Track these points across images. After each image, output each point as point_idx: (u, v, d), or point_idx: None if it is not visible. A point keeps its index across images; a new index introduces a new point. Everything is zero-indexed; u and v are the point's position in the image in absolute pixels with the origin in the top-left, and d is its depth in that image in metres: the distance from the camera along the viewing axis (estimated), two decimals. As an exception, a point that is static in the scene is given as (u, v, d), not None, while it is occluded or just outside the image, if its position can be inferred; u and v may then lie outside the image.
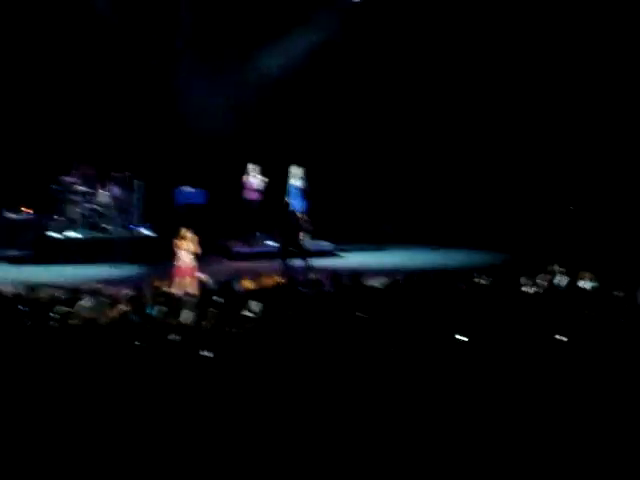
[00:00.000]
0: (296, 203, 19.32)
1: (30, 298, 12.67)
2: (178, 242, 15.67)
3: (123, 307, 12.23)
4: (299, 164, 20.27)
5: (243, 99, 21.49)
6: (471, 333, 9.97)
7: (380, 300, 12.51)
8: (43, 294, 13.03)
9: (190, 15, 21.16)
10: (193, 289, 15.00)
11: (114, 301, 12.59)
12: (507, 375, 8.79)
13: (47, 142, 20.44)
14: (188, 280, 15.50)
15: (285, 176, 20.15)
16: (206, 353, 9.88)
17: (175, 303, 12.74)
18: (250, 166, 20.28)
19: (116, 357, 9.31)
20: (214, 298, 12.94)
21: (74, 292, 12.65)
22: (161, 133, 21.03)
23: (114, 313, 11.92)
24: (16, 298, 12.50)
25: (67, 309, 11.68)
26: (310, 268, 17.39)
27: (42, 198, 19.62)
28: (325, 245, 20.15)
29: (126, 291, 13.24)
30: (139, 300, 12.47)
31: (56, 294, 12.88)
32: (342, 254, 20.14)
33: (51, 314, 11.61)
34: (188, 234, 15.75)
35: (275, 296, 12.84)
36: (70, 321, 11.20)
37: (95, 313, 11.85)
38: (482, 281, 13.12)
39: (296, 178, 20.09)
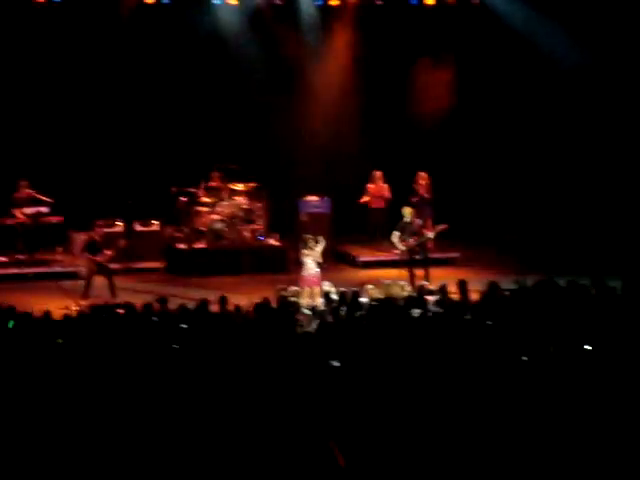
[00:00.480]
0: (419, 210, 19.15)
1: (160, 309, 12.86)
2: (304, 251, 15.71)
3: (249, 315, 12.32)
4: (426, 170, 20.18)
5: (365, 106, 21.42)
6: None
7: (510, 308, 12.28)
8: (173, 305, 13.19)
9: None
10: (318, 298, 15.02)
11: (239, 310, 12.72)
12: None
13: (174, 154, 20.78)
14: (314, 289, 15.53)
15: (410, 183, 20.05)
16: (334, 363, 9.85)
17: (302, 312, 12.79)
18: (376, 173, 20.22)
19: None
20: (340, 307, 12.94)
21: (202, 303, 12.78)
22: (285, 142, 21.12)
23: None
24: (147, 310, 12.70)
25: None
26: (427, 276, 17.17)
27: (170, 210, 19.93)
28: (451, 254, 19.86)
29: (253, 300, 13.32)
30: (265, 309, 12.53)
31: (186, 305, 13.05)
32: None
33: (181, 325, 11.78)
34: (313, 243, 15.78)
35: (402, 305, 12.73)
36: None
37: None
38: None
39: (421, 185, 20.01)
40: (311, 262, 15.70)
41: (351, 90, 21.23)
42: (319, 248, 15.79)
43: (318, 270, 15.76)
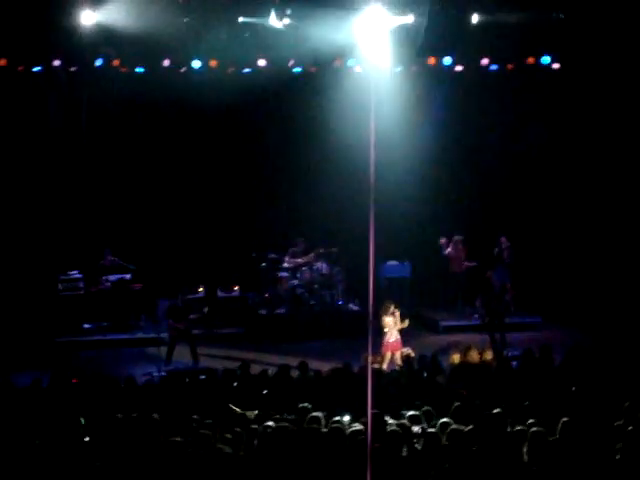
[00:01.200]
0: (499, 274, 18.99)
1: (241, 375, 12.91)
2: (385, 316, 15.67)
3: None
4: (505, 233, 20.08)
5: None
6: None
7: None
8: (254, 371, 13.23)
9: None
10: (399, 362, 14.94)
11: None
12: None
13: (256, 219, 21.00)
14: (396, 354, 15.47)
15: (492, 246, 19.94)
16: (416, 428, 9.76)
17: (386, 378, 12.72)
18: (456, 237, 20.16)
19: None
20: (422, 372, 12.84)
21: (283, 368, 12.80)
22: (362, 206, 21.13)
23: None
24: (227, 375, 12.77)
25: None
26: (505, 342, 16.94)
27: (251, 275, 20.08)
28: (531, 318, 19.62)
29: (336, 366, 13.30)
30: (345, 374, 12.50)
31: (266, 370, 13.09)
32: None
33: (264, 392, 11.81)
34: (394, 308, 15.75)
35: (483, 373, 12.59)
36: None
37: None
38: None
39: (499, 249, 19.92)
40: (392, 327, 15.67)
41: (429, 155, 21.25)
42: (399, 313, 15.76)
43: (399, 336, 15.72)
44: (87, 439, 9.78)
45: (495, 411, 9.87)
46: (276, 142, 21.14)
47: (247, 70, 19.37)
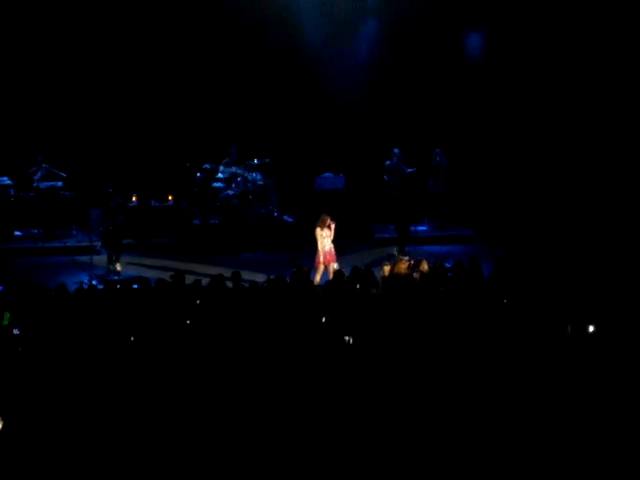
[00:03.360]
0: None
1: (174, 284, 12.86)
2: (320, 229, 15.68)
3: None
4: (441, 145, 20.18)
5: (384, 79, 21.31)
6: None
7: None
8: (188, 281, 13.19)
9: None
10: (332, 275, 15.01)
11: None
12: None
13: (190, 128, 20.71)
14: (329, 267, 15.54)
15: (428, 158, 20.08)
16: (347, 338, 9.87)
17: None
18: (395, 151, 20.11)
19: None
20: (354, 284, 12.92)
21: (217, 278, 12.77)
22: (300, 119, 21.04)
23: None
24: (160, 285, 12.71)
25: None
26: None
27: (185, 185, 19.92)
28: (465, 231, 19.86)
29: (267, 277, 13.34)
30: (280, 285, 12.52)
31: (199, 280, 13.06)
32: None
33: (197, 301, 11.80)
34: (329, 221, 15.75)
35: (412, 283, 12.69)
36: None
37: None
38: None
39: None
40: (326, 240, 15.69)
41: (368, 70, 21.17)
42: (333, 226, 15.75)
43: (332, 247, 15.75)
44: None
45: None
46: (212, 47, 20.75)
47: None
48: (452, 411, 8.24)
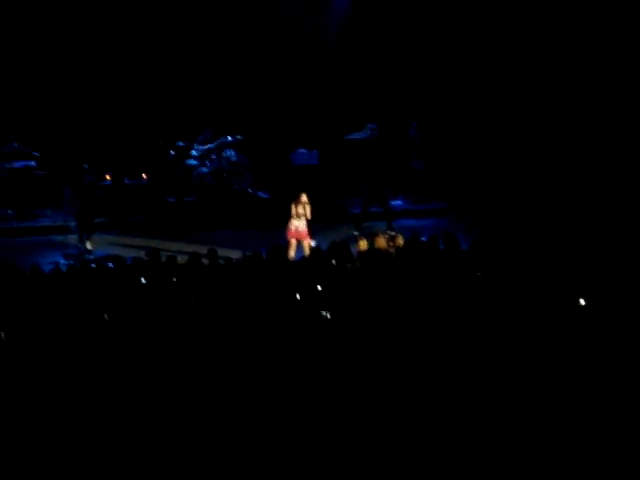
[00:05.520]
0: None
1: (150, 262, 12.83)
2: (294, 205, 15.68)
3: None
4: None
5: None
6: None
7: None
8: (163, 258, 13.16)
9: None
10: (307, 250, 15.03)
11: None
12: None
13: (164, 105, 20.60)
14: (304, 243, 15.55)
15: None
16: (325, 314, 9.87)
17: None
18: (368, 125, 20.09)
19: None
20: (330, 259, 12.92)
21: (193, 256, 12.75)
22: (272, 95, 20.98)
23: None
24: (135, 263, 12.68)
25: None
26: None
27: (159, 163, 19.83)
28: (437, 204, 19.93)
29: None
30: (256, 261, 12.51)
31: (175, 258, 13.02)
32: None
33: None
34: (304, 197, 15.75)
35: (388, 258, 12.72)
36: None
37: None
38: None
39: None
40: (301, 216, 15.69)
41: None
42: (308, 202, 15.74)
43: (305, 225, 15.75)
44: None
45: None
46: (185, 23, 20.63)
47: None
48: (433, 390, 8.24)
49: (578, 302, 9.70)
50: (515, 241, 13.62)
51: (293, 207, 15.69)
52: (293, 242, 15.59)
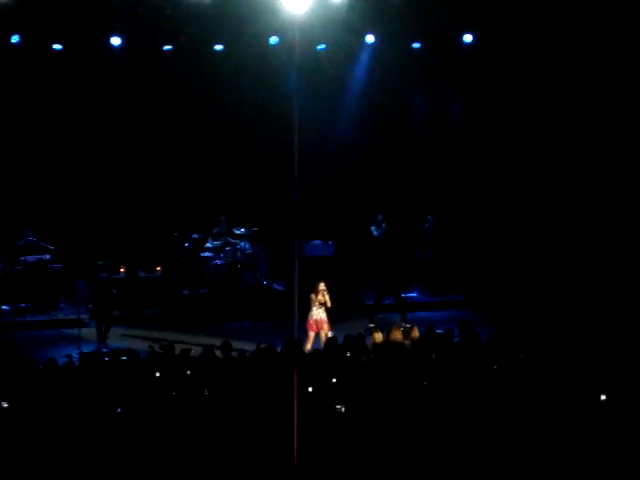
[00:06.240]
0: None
1: (164, 355, 12.73)
2: (313, 296, 15.63)
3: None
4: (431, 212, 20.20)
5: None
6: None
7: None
8: (177, 351, 13.06)
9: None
10: (324, 342, 14.90)
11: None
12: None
13: (178, 199, 20.72)
14: (321, 334, 15.46)
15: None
16: (339, 407, 9.75)
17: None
18: (379, 217, 20.14)
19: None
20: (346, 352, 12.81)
21: (207, 349, 12.65)
22: (285, 187, 21.03)
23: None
24: (151, 356, 12.59)
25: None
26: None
27: (174, 256, 19.83)
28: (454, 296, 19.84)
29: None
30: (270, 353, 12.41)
31: (189, 350, 12.92)
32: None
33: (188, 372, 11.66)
34: (322, 285, 15.71)
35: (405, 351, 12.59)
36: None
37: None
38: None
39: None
40: (319, 306, 15.63)
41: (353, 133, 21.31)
42: (326, 292, 15.69)
43: (324, 315, 15.68)
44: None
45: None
46: (197, 121, 20.86)
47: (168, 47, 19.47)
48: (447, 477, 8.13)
49: (599, 397, 9.57)
50: (534, 334, 13.48)
51: (313, 297, 15.65)
52: (312, 335, 15.50)
